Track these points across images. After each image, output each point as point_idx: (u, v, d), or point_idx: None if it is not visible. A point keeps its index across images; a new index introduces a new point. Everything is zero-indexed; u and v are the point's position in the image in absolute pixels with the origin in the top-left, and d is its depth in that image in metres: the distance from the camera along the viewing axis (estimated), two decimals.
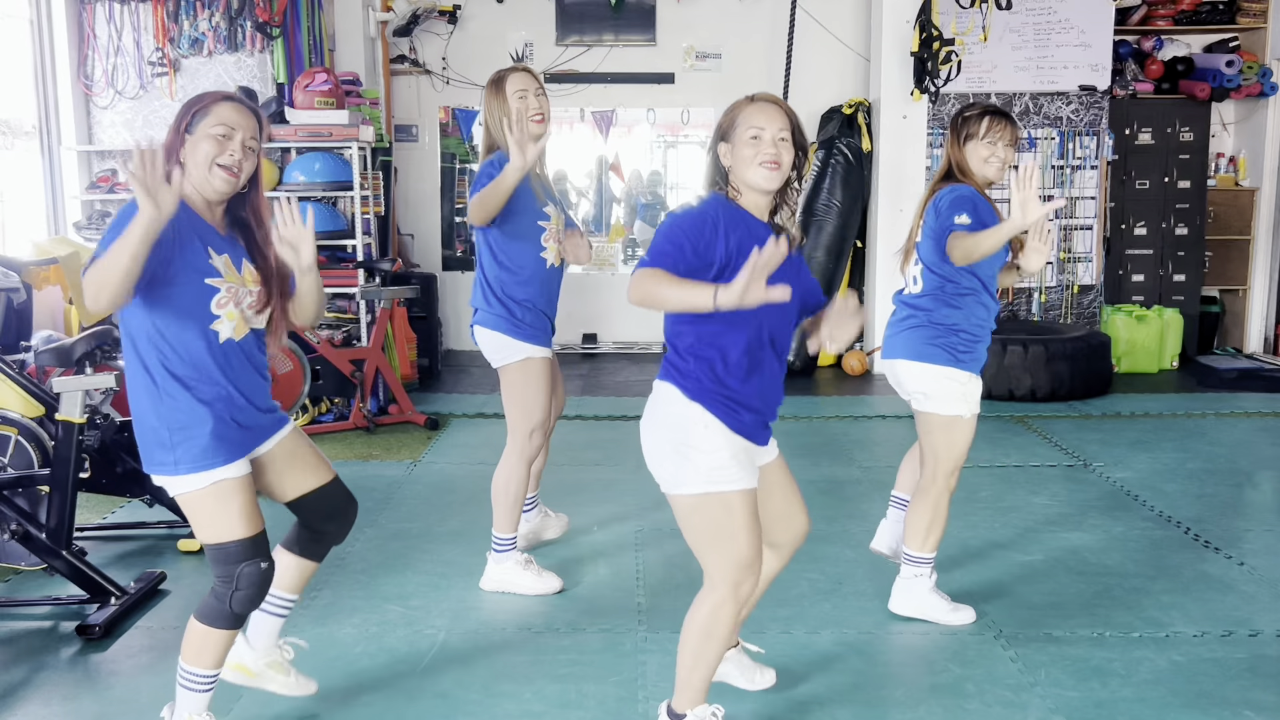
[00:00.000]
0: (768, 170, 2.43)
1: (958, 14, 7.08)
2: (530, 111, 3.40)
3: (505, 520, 3.60)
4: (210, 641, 2.57)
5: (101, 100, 7.04)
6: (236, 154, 2.44)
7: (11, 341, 4.70)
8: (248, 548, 2.53)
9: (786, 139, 2.47)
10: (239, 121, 2.45)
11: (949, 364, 3.30)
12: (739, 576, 2.48)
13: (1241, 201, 8.10)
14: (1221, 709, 2.85)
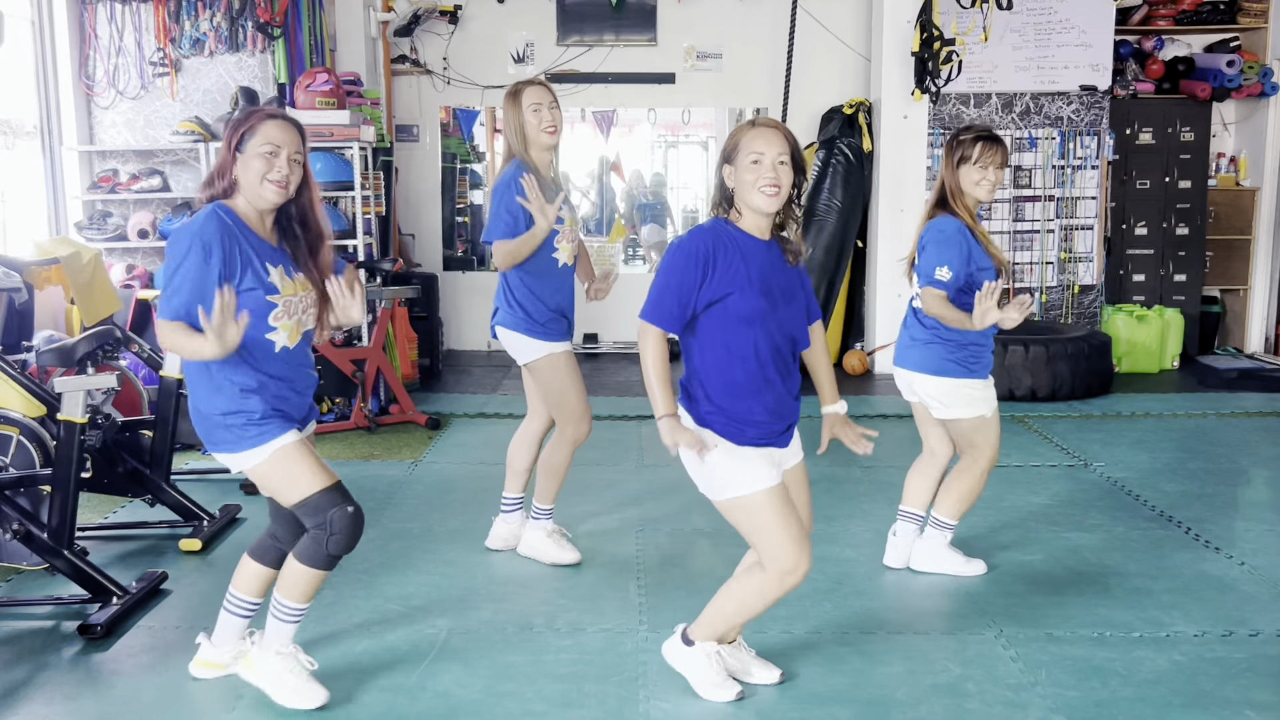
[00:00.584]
0: (767, 195, 2.61)
1: (958, 14, 7.09)
2: (544, 124, 3.61)
3: (545, 493, 3.92)
4: (306, 579, 2.81)
5: (103, 100, 7.04)
6: (284, 169, 2.66)
7: (13, 341, 4.70)
8: (331, 496, 2.74)
9: (786, 162, 2.63)
10: (284, 139, 2.67)
11: (964, 376, 3.56)
12: (787, 565, 2.67)
13: (1242, 201, 8.10)
14: (1222, 709, 2.85)
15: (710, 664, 2.88)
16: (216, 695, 2.96)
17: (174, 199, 7.01)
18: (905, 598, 3.61)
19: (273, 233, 2.77)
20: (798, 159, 2.65)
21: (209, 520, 4.27)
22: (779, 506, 2.66)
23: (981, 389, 3.57)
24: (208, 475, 5.10)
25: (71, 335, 5.00)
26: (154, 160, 7.11)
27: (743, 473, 2.66)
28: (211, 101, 7.10)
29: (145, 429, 4.30)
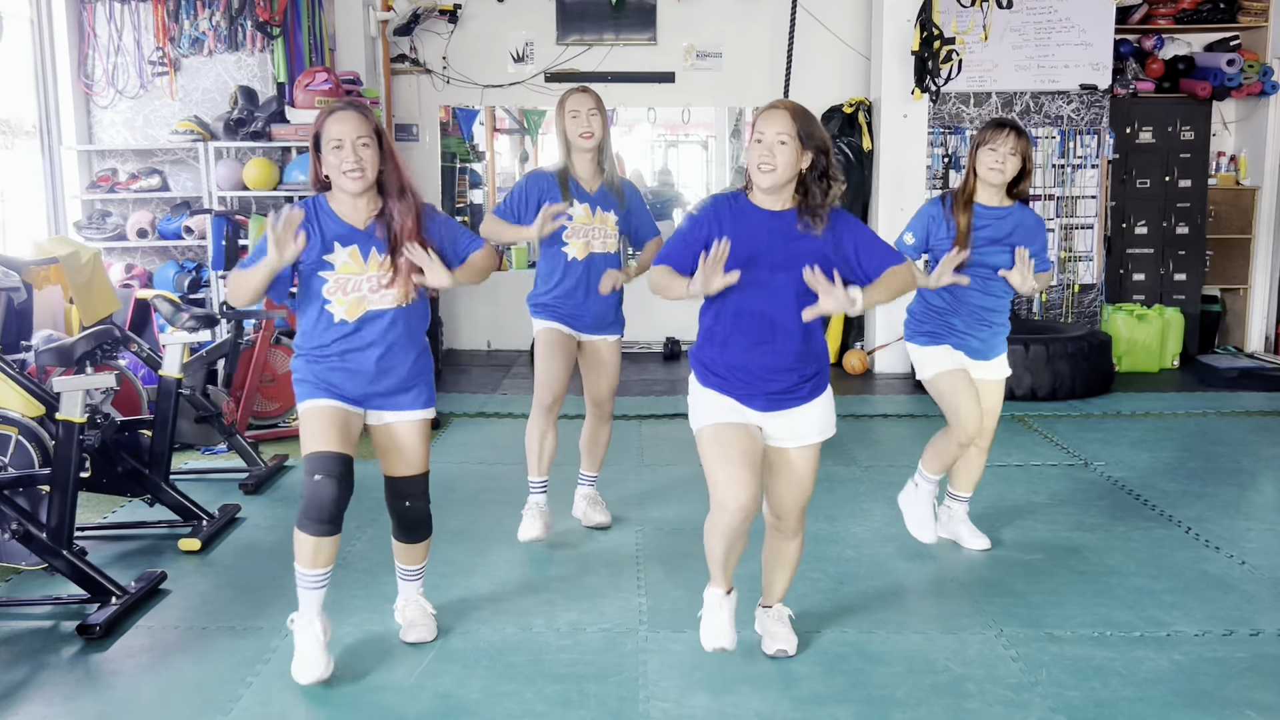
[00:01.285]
0: (762, 172, 2.78)
1: (958, 13, 7.08)
2: (580, 130, 3.92)
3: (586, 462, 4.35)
4: (297, 542, 2.98)
5: (102, 100, 7.04)
6: (350, 158, 2.91)
7: (12, 341, 4.70)
8: (313, 461, 2.94)
9: (786, 141, 2.74)
10: (345, 130, 2.92)
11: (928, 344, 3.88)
12: (718, 500, 2.85)
13: (1242, 200, 8.09)
14: (1223, 708, 2.84)
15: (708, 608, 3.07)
16: (215, 695, 2.96)
17: (173, 198, 7.01)
18: (906, 597, 3.61)
19: (369, 217, 3.01)
20: (809, 137, 2.76)
21: (208, 520, 4.26)
22: (720, 443, 2.82)
23: (945, 355, 3.83)
24: (207, 475, 5.10)
25: (70, 335, 5.00)
26: (153, 160, 7.11)
27: (700, 409, 2.91)
28: (211, 101, 7.09)
29: (144, 429, 4.29)
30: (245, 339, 5.63)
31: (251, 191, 6.72)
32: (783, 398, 2.88)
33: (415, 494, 3.15)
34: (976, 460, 4.00)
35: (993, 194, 3.75)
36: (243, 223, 6.14)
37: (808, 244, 2.80)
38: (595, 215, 3.98)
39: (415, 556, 3.30)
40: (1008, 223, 3.74)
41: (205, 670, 3.11)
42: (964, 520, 4.09)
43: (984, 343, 3.85)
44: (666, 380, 7.27)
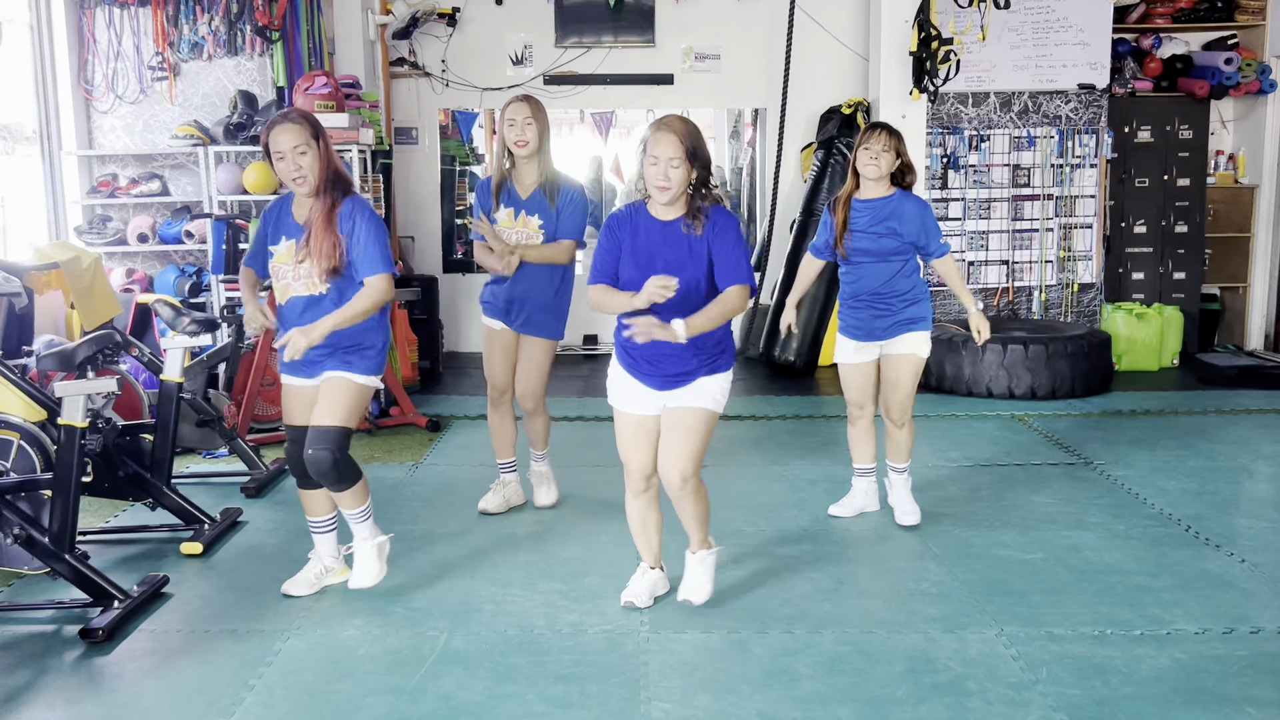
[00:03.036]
0: (659, 189, 3.17)
1: (956, 13, 7.09)
2: (515, 138, 4.15)
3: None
4: None
5: (102, 105, 7.05)
6: (291, 166, 3.33)
7: (13, 346, 4.71)
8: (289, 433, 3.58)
9: (678, 165, 3.13)
10: (283, 141, 3.32)
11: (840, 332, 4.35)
12: (626, 472, 3.44)
13: (1241, 199, 8.10)
14: (1223, 706, 2.85)
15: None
16: (218, 698, 2.97)
17: (173, 203, 7.02)
18: (906, 597, 3.61)
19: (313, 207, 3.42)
20: (696, 156, 3.14)
21: (210, 524, 4.27)
22: (625, 425, 3.40)
23: (847, 347, 4.27)
24: (208, 479, 5.11)
25: (71, 340, 5.01)
26: (153, 164, 7.12)
27: (614, 387, 3.41)
28: (210, 105, 7.10)
29: (146, 433, 4.30)
30: (246, 343, 5.64)
31: (251, 195, 6.73)
32: (678, 379, 3.29)
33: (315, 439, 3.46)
34: (896, 435, 4.29)
35: (871, 187, 4.15)
36: (243, 227, 6.15)
37: (693, 243, 3.22)
38: (518, 220, 4.20)
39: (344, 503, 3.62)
40: (876, 214, 4.13)
41: (208, 673, 3.12)
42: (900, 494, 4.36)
43: (881, 321, 4.16)
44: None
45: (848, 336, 4.26)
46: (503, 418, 4.44)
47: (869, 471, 4.41)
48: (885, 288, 4.14)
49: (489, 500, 4.51)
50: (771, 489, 4.79)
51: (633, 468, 3.41)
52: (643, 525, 3.51)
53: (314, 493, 3.62)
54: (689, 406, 3.31)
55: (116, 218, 7.01)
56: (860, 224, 4.14)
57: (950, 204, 7.59)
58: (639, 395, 3.35)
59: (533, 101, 4.17)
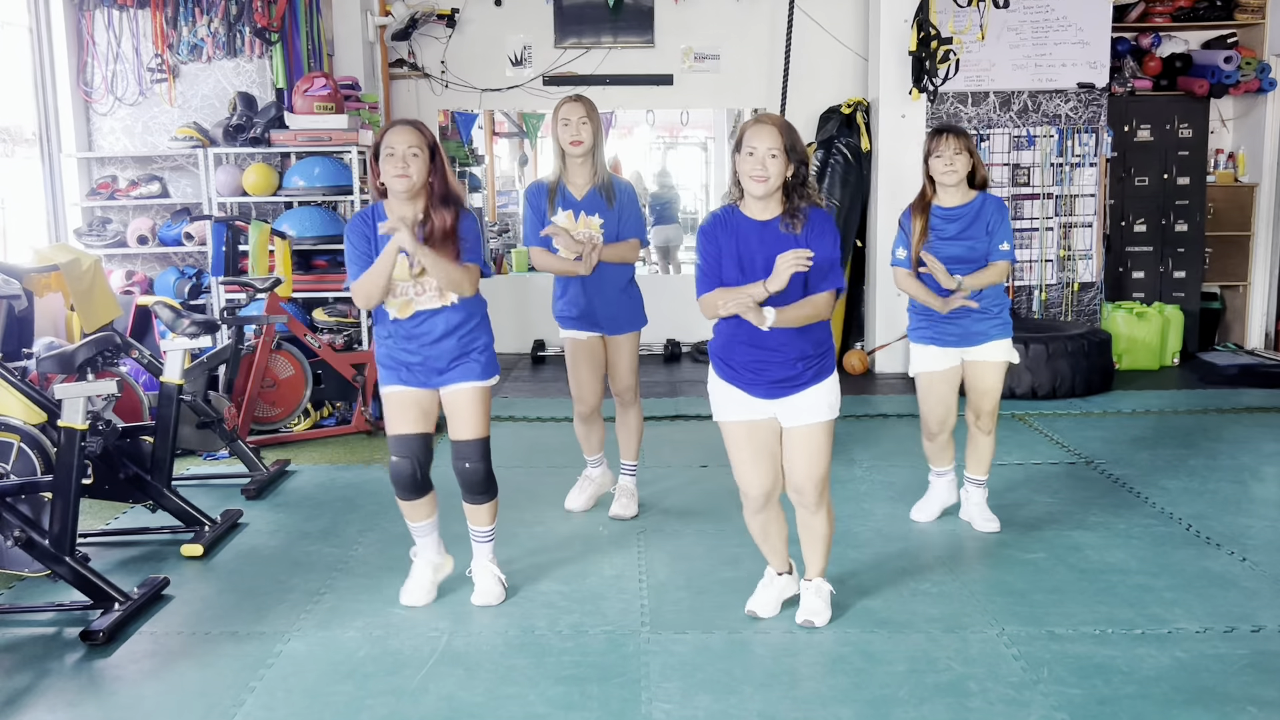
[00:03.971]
0: (756, 182, 3.07)
1: (955, 13, 7.09)
2: (570, 138, 4.08)
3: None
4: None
5: (101, 107, 7.05)
6: (399, 164, 3.30)
7: (13, 348, 4.71)
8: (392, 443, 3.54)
9: (777, 155, 3.05)
10: (398, 140, 3.31)
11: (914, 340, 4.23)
12: (741, 485, 3.32)
13: (1241, 197, 8.10)
14: (1224, 705, 2.85)
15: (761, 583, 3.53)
16: (219, 700, 2.97)
17: (173, 205, 7.02)
18: (907, 596, 3.61)
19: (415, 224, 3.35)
20: (794, 150, 3.07)
21: (210, 525, 4.27)
22: (738, 439, 3.25)
23: (929, 355, 4.13)
24: (209, 481, 5.10)
25: (71, 342, 5.01)
26: (153, 166, 7.12)
27: (716, 402, 3.29)
28: (210, 107, 7.10)
29: (146, 435, 4.30)
30: (246, 344, 5.64)
31: (251, 197, 6.74)
32: (784, 385, 3.18)
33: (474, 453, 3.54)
34: (981, 442, 4.23)
35: (950, 194, 4.04)
36: (242, 228, 6.15)
37: (792, 244, 3.10)
38: (579, 221, 4.16)
39: (480, 518, 3.66)
40: (964, 220, 4.03)
41: (209, 675, 3.12)
42: (978, 504, 4.29)
43: (964, 329, 4.06)
44: (667, 382, 7.28)
45: (935, 345, 4.10)
46: (593, 426, 4.46)
47: (946, 472, 4.34)
48: (981, 293, 4.03)
49: (576, 498, 4.52)
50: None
51: (752, 494, 3.28)
52: (765, 536, 3.41)
53: (419, 501, 3.60)
54: (810, 424, 3.22)
55: (116, 220, 7.01)
56: (950, 231, 4.02)
57: None
58: (746, 404, 3.23)
59: (586, 101, 4.12)
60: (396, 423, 3.51)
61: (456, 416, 3.51)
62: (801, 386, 3.19)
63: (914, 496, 4.46)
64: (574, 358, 4.32)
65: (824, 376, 3.22)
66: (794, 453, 3.25)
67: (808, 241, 3.11)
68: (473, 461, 3.53)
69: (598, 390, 4.37)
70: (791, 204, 3.12)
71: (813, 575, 3.42)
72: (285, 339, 5.86)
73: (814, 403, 3.21)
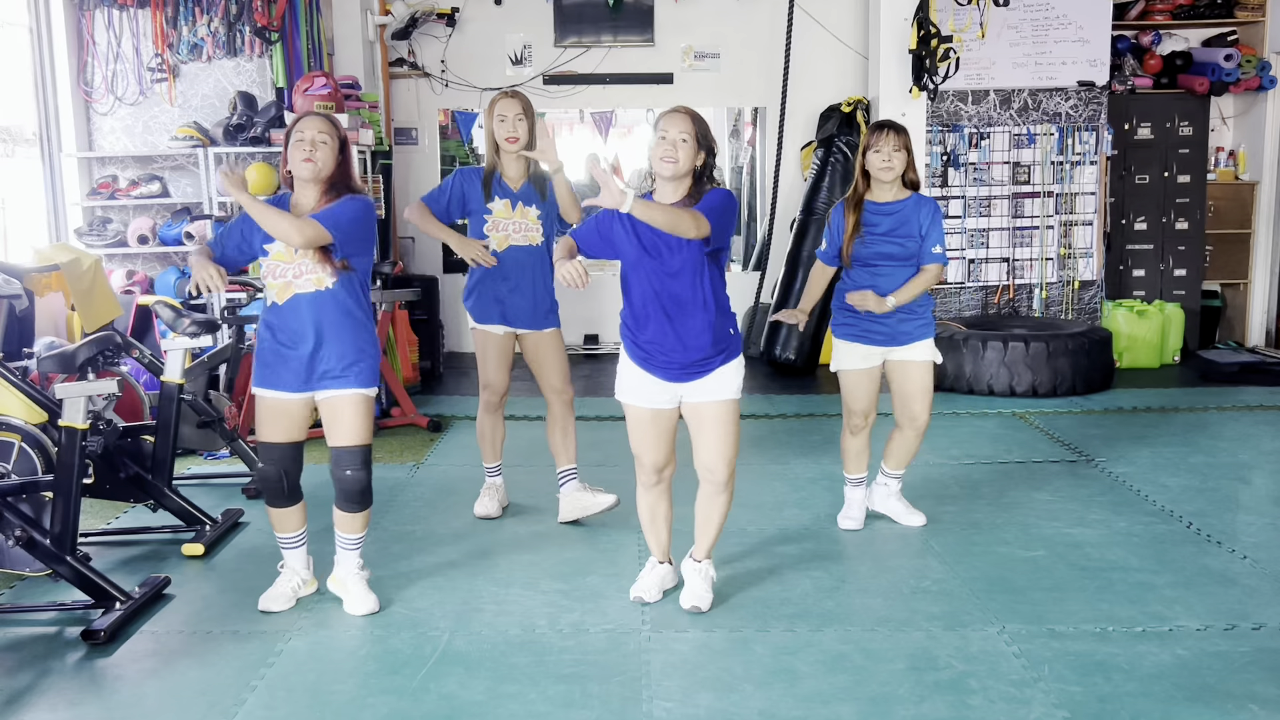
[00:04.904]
0: (665, 163, 3.21)
1: (955, 11, 7.09)
2: (506, 134, 4.13)
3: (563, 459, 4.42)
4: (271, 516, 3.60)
5: (101, 107, 7.05)
6: (306, 148, 3.31)
7: (14, 348, 4.71)
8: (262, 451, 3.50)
9: (687, 140, 3.19)
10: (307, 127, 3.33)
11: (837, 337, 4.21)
12: (636, 466, 3.45)
13: (1241, 195, 8.10)
14: (1225, 702, 2.85)
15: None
16: (220, 699, 2.97)
17: (173, 204, 7.02)
18: (907, 595, 3.61)
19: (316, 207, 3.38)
20: (704, 138, 3.23)
21: (211, 525, 4.27)
22: (640, 420, 3.38)
23: (853, 352, 4.12)
24: (210, 480, 5.11)
25: (72, 342, 5.01)
26: (153, 166, 7.12)
27: (623, 384, 3.40)
28: (210, 107, 7.10)
29: (147, 434, 4.30)
30: (246, 344, 5.64)
31: None
32: (695, 369, 3.30)
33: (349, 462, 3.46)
34: (912, 441, 4.23)
35: (884, 189, 4.03)
36: None
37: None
38: (515, 210, 4.21)
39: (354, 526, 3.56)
40: (897, 217, 4.01)
41: (210, 674, 3.12)
42: (899, 496, 4.34)
43: (891, 329, 4.04)
44: None
45: (856, 341, 4.09)
46: (500, 421, 4.48)
47: (863, 480, 4.30)
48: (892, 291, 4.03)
49: (486, 505, 4.49)
50: (772, 487, 4.78)
51: (645, 461, 3.42)
52: (652, 519, 3.54)
53: (288, 511, 3.53)
54: (718, 400, 3.32)
55: (116, 219, 7.01)
56: (882, 228, 4.01)
57: (951, 202, 7.59)
58: (651, 389, 3.34)
59: (522, 98, 4.19)
60: (268, 427, 3.45)
61: (338, 421, 3.43)
62: (712, 369, 3.30)
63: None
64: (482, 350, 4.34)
65: (733, 357, 3.35)
66: (706, 432, 3.34)
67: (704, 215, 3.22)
68: (356, 469, 3.45)
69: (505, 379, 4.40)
70: (696, 190, 3.25)
71: (701, 556, 3.53)
72: None
73: (723, 384, 3.32)
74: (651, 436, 3.39)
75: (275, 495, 3.50)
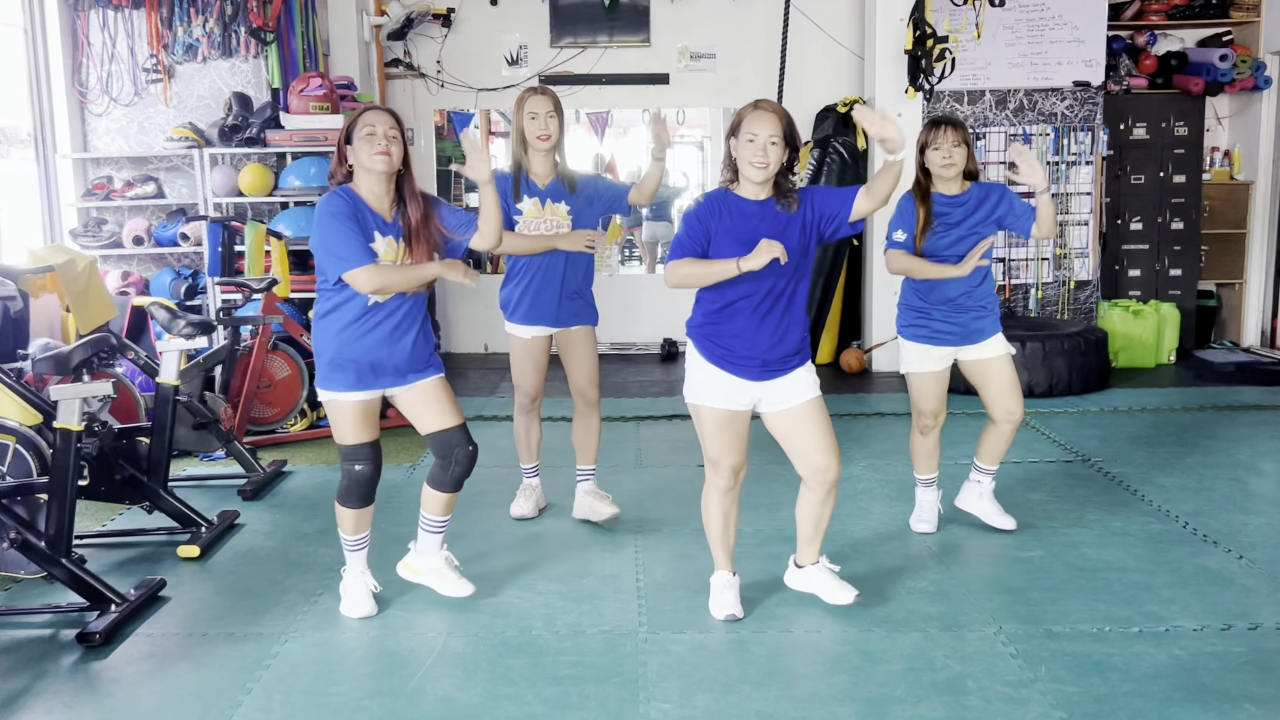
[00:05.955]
0: (756, 168, 3.17)
1: (951, 11, 7.09)
2: (538, 131, 4.03)
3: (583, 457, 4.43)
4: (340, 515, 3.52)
5: (96, 108, 7.04)
6: (381, 142, 3.23)
7: (9, 350, 4.70)
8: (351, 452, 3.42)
9: (777, 142, 3.16)
10: (378, 120, 3.26)
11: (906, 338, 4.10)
12: (711, 469, 3.36)
13: (1236, 195, 8.11)
14: (1221, 702, 2.85)
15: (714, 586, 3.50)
16: (216, 702, 2.96)
17: (169, 205, 7.01)
18: (904, 595, 3.61)
19: (391, 209, 3.35)
20: (790, 138, 3.20)
21: (207, 527, 4.26)
22: (716, 422, 3.30)
23: (924, 354, 4.03)
24: (205, 481, 5.10)
25: (67, 343, 5.00)
26: (148, 167, 7.11)
27: (700, 385, 3.30)
28: (205, 108, 7.09)
29: (142, 436, 4.29)
30: (242, 345, 5.63)
31: (247, 197, 6.72)
32: (778, 367, 3.28)
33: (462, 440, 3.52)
34: (1010, 436, 4.12)
35: (948, 185, 3.96)
36: (238, 229, 6.14)
37: (792, 220, 3.24)
38: (545, 208, 4.12)
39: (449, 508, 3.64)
40: (967, 207, 3.95)
41: (205, 677, 3.12)
42: (990, 496, 4.25)
43: (964, 328, 3.99)
44: (664, 381, 7.27)
45: (931, 344, 4.00)
46: (536, 422, 4.48)
47: (934, 481, 4.25)
48: (983, 285, 3.99)
49: (522, 506, 4.47)
50: (769, 487, 4.78)
51: (724, 465, 3.33)
52: (726, 525, 3.44)
53: (367, 510, 3.52)
54: (808, 399, 3.32)
55: (112, 220, 7.00)
56: (953, 218, 3.92)
57: None
58: (730, 390, 3.27)
59: (552, 94, 4.10)
60: (357, 429, 3.39)
61: (437, 405, 3.49)
62: (792, 366, 3.31)
63: (912, 496, 4.46)
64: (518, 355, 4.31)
65: (808, 359, 3.39)
66: (808, 433, 3.31)
67: (808, 209, 3.26)
68: (470, 446, 3.52)
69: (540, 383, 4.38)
70: (782, 187, 3.23)
71: (818, 557, 3.50)
72: (281, 339, 5.86)
73: (804, 383, 3.33)
74: (729, 438, 3.31)
75: (367, 496, 3.47)
